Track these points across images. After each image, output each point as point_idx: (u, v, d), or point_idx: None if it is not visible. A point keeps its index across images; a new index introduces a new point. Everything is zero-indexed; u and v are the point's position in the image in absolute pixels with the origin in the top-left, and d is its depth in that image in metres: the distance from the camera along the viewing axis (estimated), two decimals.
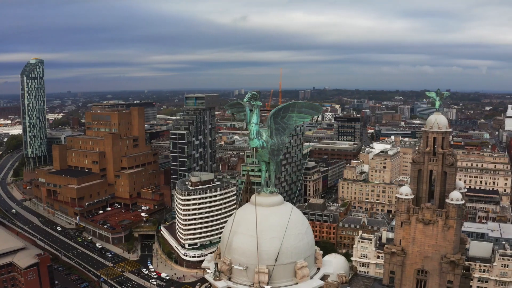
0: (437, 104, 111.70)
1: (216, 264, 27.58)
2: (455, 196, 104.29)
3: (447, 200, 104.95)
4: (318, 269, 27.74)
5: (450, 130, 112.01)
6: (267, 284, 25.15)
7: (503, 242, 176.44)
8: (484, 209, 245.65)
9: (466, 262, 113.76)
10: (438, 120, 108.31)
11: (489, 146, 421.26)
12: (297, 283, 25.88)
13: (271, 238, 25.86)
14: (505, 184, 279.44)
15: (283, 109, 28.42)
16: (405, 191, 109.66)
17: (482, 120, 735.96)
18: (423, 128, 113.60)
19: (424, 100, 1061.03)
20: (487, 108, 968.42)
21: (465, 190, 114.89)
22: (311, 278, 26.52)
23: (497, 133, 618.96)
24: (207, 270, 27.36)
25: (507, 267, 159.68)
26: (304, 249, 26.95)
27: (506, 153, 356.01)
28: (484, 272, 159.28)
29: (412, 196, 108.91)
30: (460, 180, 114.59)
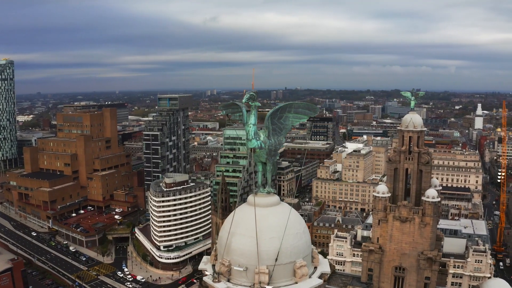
0: (412, 103, 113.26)
1: (213, 266, 27.44)
2: (431, 194, 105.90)
3: (423, 198, 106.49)
4: (315, 268, 27.77)
5: (425, 129, 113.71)
6: (268, 284, 25.09)
7: (476, 238, 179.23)
8: (456, 206, 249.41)
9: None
10: (414, 120, 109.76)
11: (460, 144, 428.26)
12: (297, 283, 25.89)
13: (270, 238, 25.82)
14: (476, 182, 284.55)
15: (280, 109, 28.40)
16: (382, 190, 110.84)
17: (452, 119, 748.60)
18: (398, 127, 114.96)
19: (395, 99, 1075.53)
20: (456, 107, 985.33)
21: (440, 187, 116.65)
22: (310, 277, 26.55)
23: (467, 131, 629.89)
24: (206, 272, 27.13)
25: (481, 262, 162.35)
26: (303, 249, 27.00)
27: (477, 151, 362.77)
28: (458, 268, 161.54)
29: (389, 195, 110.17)
30: (432, 178, 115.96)
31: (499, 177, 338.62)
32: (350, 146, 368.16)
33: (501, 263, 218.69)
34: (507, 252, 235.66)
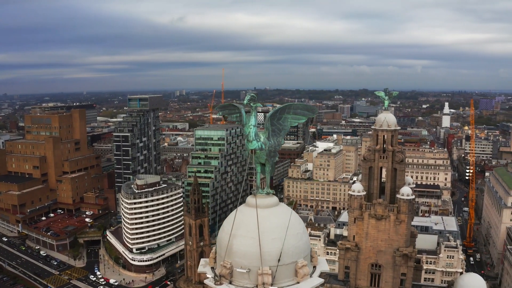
0: (386, 103, 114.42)
1: (212, 268, 27.33)
2: (406, 192, 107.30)
3: (398, 196, 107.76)
4: (314, 267, 27.92)
5: (399, 128, 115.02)
6: (271, 285, 25.12)
7: (447, 234, 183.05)
8: (427, 203, 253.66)
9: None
10: (388, 119, 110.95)
11: (428, 142, 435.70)
12: (298, 282, 25.99)
13: (272, 239, 25.82)
14: (445, 179, 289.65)
15: (280, 110, 28.48)
16: (357, 188, 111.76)
17: (420, 118, 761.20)
18: (373, 127, 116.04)
19: (363, 99, 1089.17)
20: (424, 106, 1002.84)
21: (414, 185, 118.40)
22: (310, 276, 26.70)
23: (434, 130, 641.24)
24: (207, 275, 26.99)
25: (452, 258, 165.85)
26: (303, 249, 27.14)
27: (445, 149, 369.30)
28: (430, 263, 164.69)
29: (364, 193, 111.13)
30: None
31: (467, 174, 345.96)
32: (321, 145, 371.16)
33: (471, 258, 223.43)
34: (477, 248, 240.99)
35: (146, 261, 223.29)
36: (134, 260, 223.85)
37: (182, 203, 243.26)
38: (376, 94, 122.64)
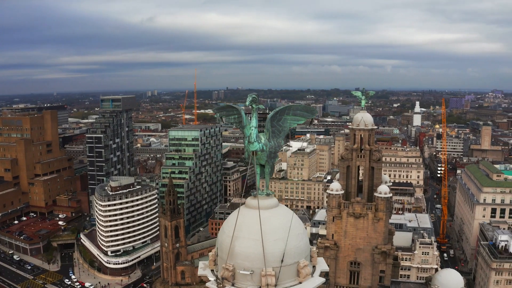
0: (363, 102, 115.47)
1: (212, 270, 27.23)
2: (383, 190, 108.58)
3: (375, 194, 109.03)
4: (314, 267, 28.05)
5: (375, 127, 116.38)
6: (275, 286, 25.16)
7: (421, 231, 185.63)
8: (400, 201, 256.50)
9: None
10: (365, 118, 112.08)
11: (400, 141, 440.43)
12: (301, 282, 26.10)
13: (275, 240, 25.83)
14: (418, 177, 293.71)
15: (280, 112, 28.51)
16: (335, 187, 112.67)
17: (391, 117, 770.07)
18: (350, 126, 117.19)
19: (335, 98, 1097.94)
20: (395, 105, 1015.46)
21: (391, 183, 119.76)
22: (312, 276, 26.86)
23: (405, 128, 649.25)
24: (209, 278, 26.86)
25: (427, 254, 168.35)
26: (305, 249, 27.27)
27: (417, 147, 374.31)
28: (406, 260, 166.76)
29: (342, 192, 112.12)
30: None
31: (438, 172, 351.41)
32: (294, 145, 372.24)
33: (445, 255, 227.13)
34: (450, 244, 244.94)
35: (121, 263, 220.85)
36: (110, 263, 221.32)
37: (156, 205, 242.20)
38: (353, 94, 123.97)
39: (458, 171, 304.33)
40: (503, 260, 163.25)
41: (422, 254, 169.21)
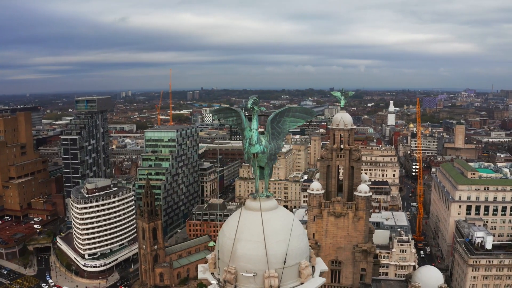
0: (342, 103, 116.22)
1: (212, 273, 27.13)
2: (363, 189, 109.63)
3: (355, 193, 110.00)
4: (313, 267, 28.16)
5: (355, 127, 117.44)
6: (278, 287, 25.19)
7: (398, 229, 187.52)
8: (376, 200, 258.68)
9: None
10: (344, 118, 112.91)
11: (374, 140, 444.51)
12: (302, 283, 26.19)
13: (277, 242, 25.86)
14: (393, 175, 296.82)
15: (279, 114, 28.52)
16: (316, 187, 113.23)
17: (366, 116, 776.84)
18: (329, 126, 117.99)
19: (309, 98, 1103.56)
20: (369, 105, 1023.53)
21: (370, 182, 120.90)
22: (312, 276, 26.99)
23: (380, 127, 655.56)
24: (211, 282, 26.75)
25: (405, 252, 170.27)
26: (305, 249, 27.40)
27: (392, 146, 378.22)
28: (384, 258, 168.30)
29: (323, 191, 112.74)
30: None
31: (413, 170, 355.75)
32: None
33: (421, 252, 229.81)
34: (426, 241, 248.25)
35: (99, 266, 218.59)
36: (87, 266, 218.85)
37: (133, 207, 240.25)
38: (333, 94, 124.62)
39: (433, 170, 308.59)
40: (480, 256, 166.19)
41: (400, 251, 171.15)
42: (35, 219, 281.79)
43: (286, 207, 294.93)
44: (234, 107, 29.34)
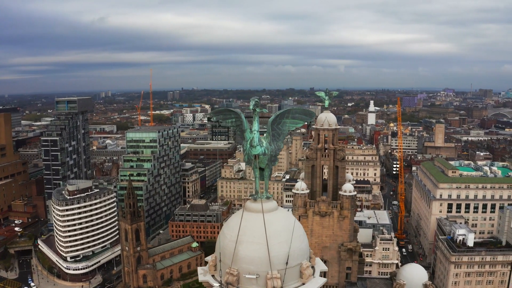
0: (326, 103, 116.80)
1: (213, 276, 27.08)
2: (348, 188, 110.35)
3: (340, 192, 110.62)
4: (313, 267, 28.28)
5: (339, 127, 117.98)
6: None
7: (381, 228, 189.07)
8: (358, 198, 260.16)
9: None
10: (328, 118, 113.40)
11: (355, 139, 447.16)
12: (304, 283, 26.29)
13: (279, 243, 25.94)
14: (375, 174, 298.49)
15: (279, 115, 28.60)
16: (301, 187, 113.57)
17: (346, 116, 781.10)
18: (314, 126, 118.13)
19: (290, 98, 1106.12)
20: (349, 104, 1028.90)
21: (354, 181, 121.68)
22: (313, 276, 27.12)
23: (360, 127, 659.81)
24: (213, 284, 26.70)
25: (388, 250, 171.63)
26: (306, 250, 27.56)
27: (374, 145, 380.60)
28: (367, 256, 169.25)
29: (308, 191, 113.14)
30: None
31: (394, 169, 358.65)
32: None
33: (403, 250, 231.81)
34: (408, 239, 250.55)
35: (81, 269, 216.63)
36: (69, 269, 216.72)
37: (115, 208, 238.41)
38: (317, 94, 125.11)
39: (414, 168, 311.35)
40: (462, 253, 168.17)
41: (383, 250, 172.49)
42: (16, 221, 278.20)
43: None
44: (234, 109, 29.32)
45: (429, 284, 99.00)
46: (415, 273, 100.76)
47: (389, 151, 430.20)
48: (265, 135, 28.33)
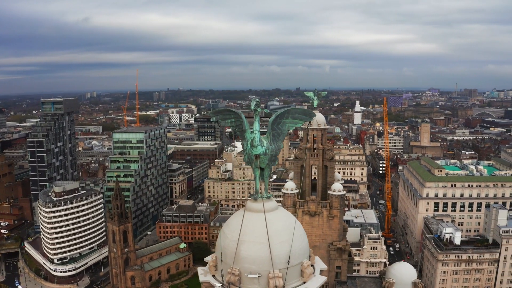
0: (315, 103, 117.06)
1: (214, 276, 27.10)
2: (337, 188, 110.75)
3: (329, 192, 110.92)
4: (312, 266, 28.42)
5: (328, 127, 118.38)
6: (284, 287, 25.34)
7: (368, 227, 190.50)
8: (346, 198, 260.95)
9: None
10: (317, 118, 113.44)
11: (342, 139, 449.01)
12: (305, 282, 26.42)
13: (280, 242, 26.06)
14: (362, 174, 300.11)
15: (280, 115, 28.68)
16: (290, 186, 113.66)
17: (332, 116, 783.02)
18: (302, 126, 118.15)
19: (276, 98, 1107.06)
20: (335, 104, 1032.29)
21: (343, 181, 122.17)
22: (314, 275, 27.25)
23: (346, 127, 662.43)
24: (215, 284, 26.73)
25: (376, 249, 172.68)
26: (306, 249, 27.73)
27: (360, 145, 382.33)
28: (355, 255, 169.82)
29: (297, 191, 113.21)
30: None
31: (380, 168, 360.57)
32: (239, 145, 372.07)
33: (391, 249, 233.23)
34: (395, 238, 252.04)
35: (68, 271, 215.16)
36: (56, 271, 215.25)
37: (102, 210, 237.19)
38: (306, 94, 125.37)
39: (400, 167, 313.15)
40: (449, 251, 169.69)
41: (371, 249, 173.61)
42: (2, 223, 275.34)
43: None
44: (234, 109, 29.39)
45: (418, 282, 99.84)
46: (404, 271, 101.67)
47: (375, 150, 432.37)
48: (265, 135, 28.38)
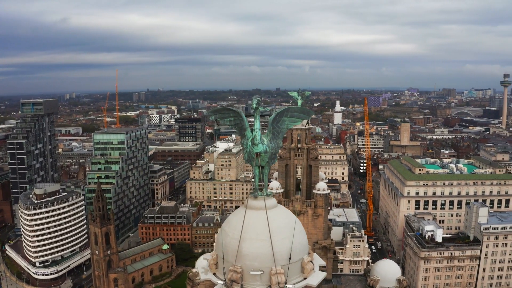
0: (299, 103, 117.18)
1: (214, 274, 27.29)
2: (321, 187, 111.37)
3: (314, 191, 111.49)
4: (311, 262, 28.76)
5: (312, 126, 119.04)
6: (286, 283, 25.64)
7: (351, 225, 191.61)
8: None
9: None
10: None
11: (322, 139, 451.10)
12: (305, 278, 26.75)
13: (282, 239, 26.37)
14: (343, 173, 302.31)
15: (279, 114, 28.95)
16: (275, 186, 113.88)
17: (313, 116, 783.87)
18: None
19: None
20: (315, 104, 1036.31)
21: (327, 180, 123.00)
22: (314, 271, 27.61)
23: (327, 127, 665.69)
24: (217, 282, 26.91)
25: (359, 247, 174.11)
26: (306, 245, 28.16)
27: (341, 145, 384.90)
28: (339, 254, 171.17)
29: (282, 190, 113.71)
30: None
31: (361, 167, 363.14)
32: (221, 145, 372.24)
33: (373, 247, 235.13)
34: (377, 236, 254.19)
35: (50, 274, 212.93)
36: (38, 274, 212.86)
37: (84, 212, 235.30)
38: (290, 94, 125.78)
39: (380, 167, 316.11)
40: (431, 249, 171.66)
41: (354, 247, 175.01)
42: None
43: (238, 207, 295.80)
44: (234, 108, 29.66)
45: (402, 279, 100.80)
46: (388, 268, 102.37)
47: (356, 150, 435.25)
48: (266, 133, 28.65)
